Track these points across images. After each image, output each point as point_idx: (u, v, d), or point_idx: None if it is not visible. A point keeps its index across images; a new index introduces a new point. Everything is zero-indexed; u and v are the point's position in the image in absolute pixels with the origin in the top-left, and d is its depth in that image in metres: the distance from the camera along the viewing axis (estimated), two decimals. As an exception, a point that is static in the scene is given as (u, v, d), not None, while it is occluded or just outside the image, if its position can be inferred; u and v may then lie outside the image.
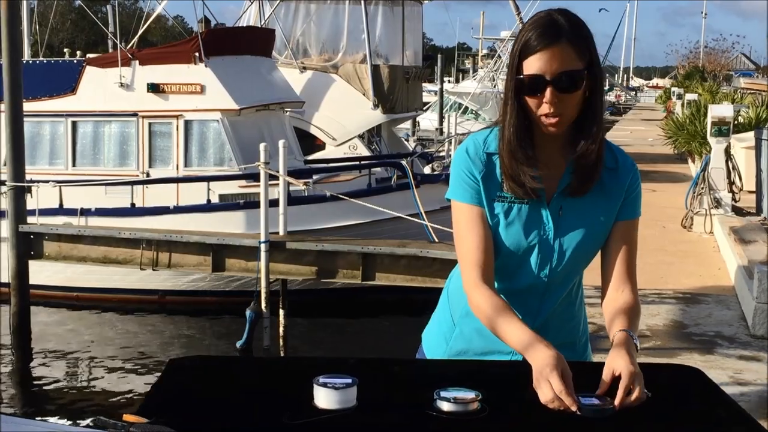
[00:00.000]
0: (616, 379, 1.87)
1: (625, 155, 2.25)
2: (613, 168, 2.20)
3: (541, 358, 1.89)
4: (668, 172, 16.08)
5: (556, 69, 2.05)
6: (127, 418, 1.66)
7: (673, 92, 29.22)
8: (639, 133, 26.91)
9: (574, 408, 1.78)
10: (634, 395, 1.83)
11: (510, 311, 2.07)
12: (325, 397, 1.76)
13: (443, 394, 1.78)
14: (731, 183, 10.41)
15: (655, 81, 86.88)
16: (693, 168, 15.36)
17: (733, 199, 10.20)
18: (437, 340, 2.36)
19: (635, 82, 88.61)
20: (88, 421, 8.34)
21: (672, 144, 16.47)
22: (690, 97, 20.80)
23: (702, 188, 9.92)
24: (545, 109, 2.06)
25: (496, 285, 2.17)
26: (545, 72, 2.05)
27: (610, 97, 60.61)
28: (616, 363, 1.90)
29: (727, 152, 10.40)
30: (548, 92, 2.05)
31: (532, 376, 1.88)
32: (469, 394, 1.79)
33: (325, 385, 1.77)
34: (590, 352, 2.44)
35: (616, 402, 1.81)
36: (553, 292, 2.22)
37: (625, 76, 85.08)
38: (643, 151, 20.62)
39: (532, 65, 2.07)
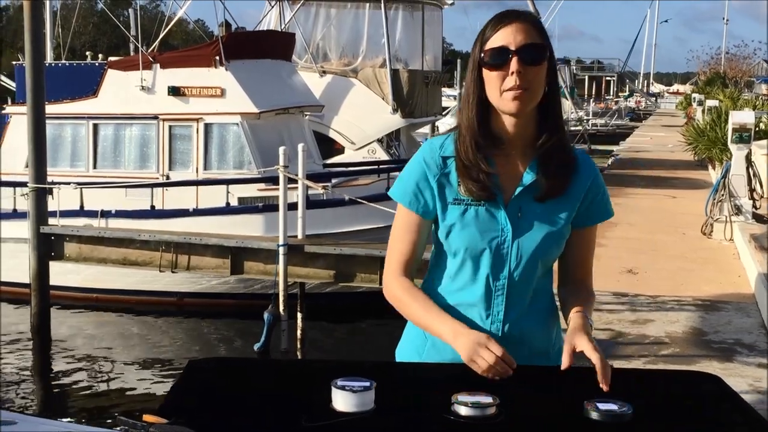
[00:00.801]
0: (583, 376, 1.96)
1: (586, 157, 2.26)
2: (576, 170, 2.21)
3: (473, 338, 2.00)
4: (688, 178, 15.99)
5: (521, 41, 2.08)
6: (147, 418, 1.67)
7: (694, 98, 29.05)
8: (659, 139, 26.77)
9: (510, 372, 1.93)
10: (608, 376, 1.93)
11: (431, 302, 2.17)
12: (343, 400, 1.77)
13: (461, 398, 1.78)
14: (752, 190, 10.34)
15: (675, 87, 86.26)
16: (713, 175, 15.27)
17: (754, 206, 10.13)
18: (410, 355, 2.34)
19: (656, 87, 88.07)
20: (108, 422, 8.40)
21: (692, 150, 16.37)
22: (711, 103, 20.68)
23: (722, 195, 9.86)
24: (510, 82, 2.07)
25: (456, 288, 2.20)
26: (509, 43, 2.08)
27: (631, 102, 60.33)
28: (577, 342, 2.00)
29: (748, 159, 10.34)
30: (514, 62, 2.06)
31: (466, 355, 1.99)
32: (487, 399, 1.79)
33: (343, 388, 1.77)
34: None
35: (605, 387, 1.90)
36: (516, 296, 2.19)
37: (646, 81, 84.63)
38: (663, 157, 20.52)
39: (496, 40, 2.10)
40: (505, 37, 2.07)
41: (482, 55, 2.10)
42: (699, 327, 6.36)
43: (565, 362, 1.99)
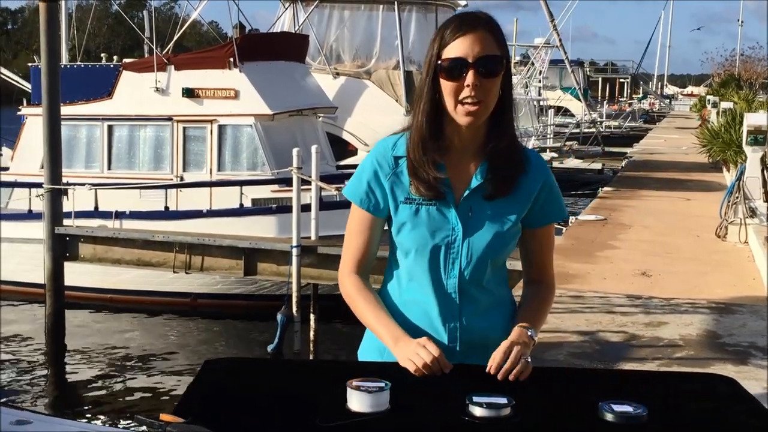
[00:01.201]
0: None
1: (538, 157, 2.28)
2: (525, 170, 2.22)
3: (413, 343, 2.05)
4: (703, 181, 15.95)
5: (478, 53, 2.08)
6: (164, 417, 1.69)
7: (708, 100, 28.93)
8: (673, 141, 26.70)
9: (447, 370, 1.97)
10: (512, 365, 1.99)
11: (381, 306, 2.22)
12: (358, 401, 1.78)
13: (476, 399, 1.79)
14: (767, 192, 10.30)
15: (689, 89, 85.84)
16: (728, 177, 15.21)
17: (769, 208, 10.09)
18: (372, 355, 2.34)
19: (669, 89, 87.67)
20: (126, 421, 8.44)
21: (707, 153, 16.32)
22: (725, 105, 20.61)
23: (737, 197, 9.83)
24: (466, 93, 2.08)
25: (411, 288, 2.21)
26: (467, 55, 2.08)
27: (644, 104, 60.10)
28: (499, 349, 2.05)
29: (763, 161, 10.30)
30: (470, 75, 2.07)
31: (402, 356, 2.04)
32: (502, 400, 1.79)
33: (358, 388, 1.78)
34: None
35: (499, 376, 1.97)
36: (469, 295, 2.20)
37: (660, 83, 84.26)
38: (677, 159, 20.47)
39: (454, 49, 2.10)
40: (463, 48, 2.08)
41: (439, 61, 2.11)
42: (713, 330, 6.34)
43: (489, 367, 2.02)
